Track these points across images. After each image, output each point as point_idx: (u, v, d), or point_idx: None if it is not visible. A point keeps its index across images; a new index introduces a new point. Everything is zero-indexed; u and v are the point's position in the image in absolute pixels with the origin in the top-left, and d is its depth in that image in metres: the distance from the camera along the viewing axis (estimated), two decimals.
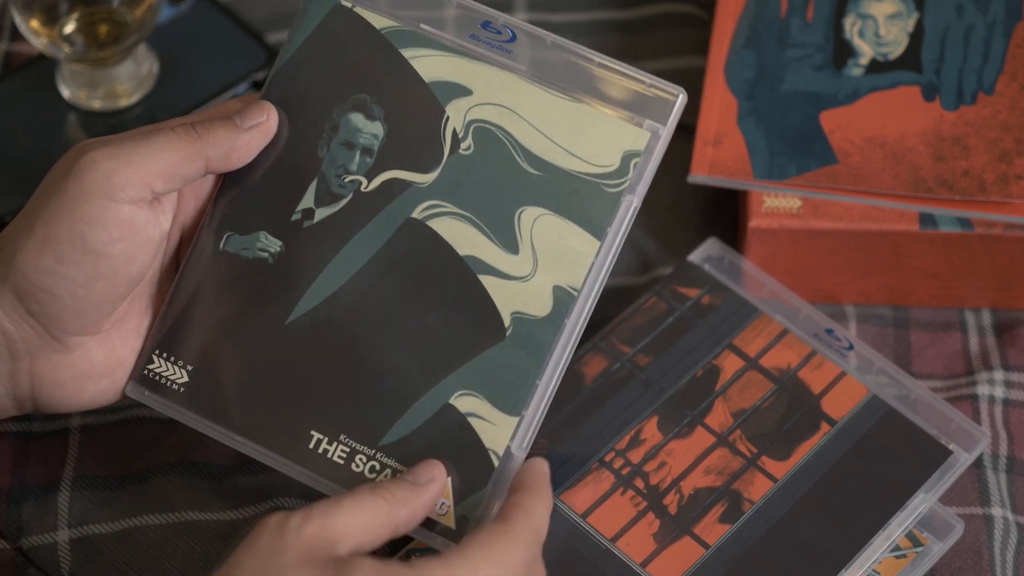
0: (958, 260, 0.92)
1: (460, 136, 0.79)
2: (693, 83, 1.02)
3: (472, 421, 0.77)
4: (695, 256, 0.92)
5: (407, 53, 0.80)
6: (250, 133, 0.80)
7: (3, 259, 0.78)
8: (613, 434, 0.86)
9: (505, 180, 0.79)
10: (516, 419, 0.77)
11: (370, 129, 0.80)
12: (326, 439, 0.79)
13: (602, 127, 0.78)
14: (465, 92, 0.80)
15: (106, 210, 0.77)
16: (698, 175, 0.93)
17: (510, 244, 0.78)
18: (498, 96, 0.80)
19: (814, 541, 0.82)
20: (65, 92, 1.01)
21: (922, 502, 0.83)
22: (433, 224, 0.79)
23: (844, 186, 0.92)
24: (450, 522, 0.77)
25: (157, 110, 1.01)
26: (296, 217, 0.80)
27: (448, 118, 0.80)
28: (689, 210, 0.98)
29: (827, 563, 0.81)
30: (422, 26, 0.81)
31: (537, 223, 0.78)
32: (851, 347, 0.88)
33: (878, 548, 0.82)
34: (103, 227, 0.77)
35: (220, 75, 1.02)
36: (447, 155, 0.79)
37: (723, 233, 0.96)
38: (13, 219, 0.80)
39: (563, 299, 0.78)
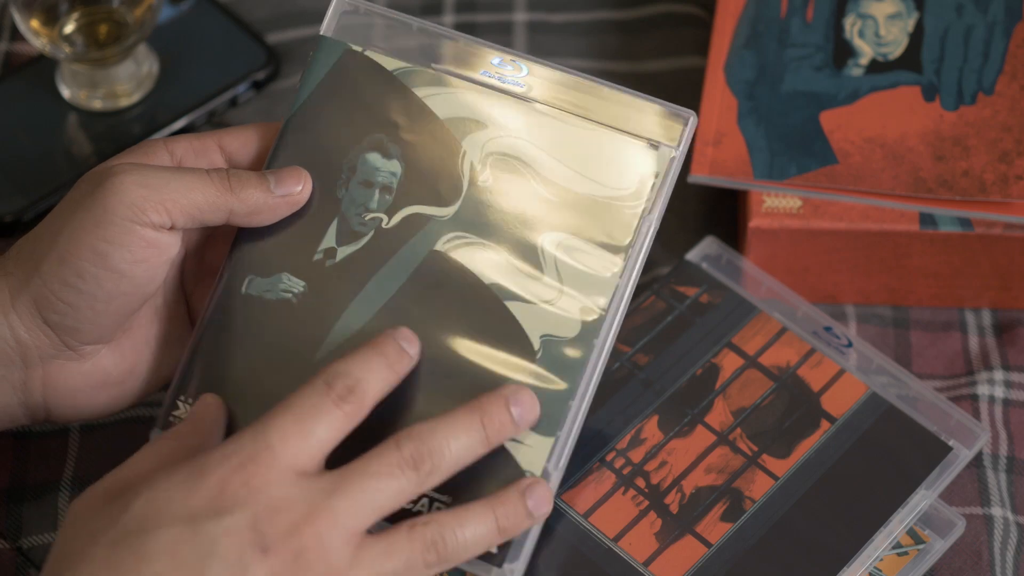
0: (958, 260, 0.92)
1: (478, 168, 0.80)
2: (693, 83, 1.02)
3: (507, 444, 0.77)
4: (693, 255, 0.92)
5: (420, 92, 0.81)
6: (279, 200, 0.80)
7: (25, 267, 0.78)
8: (614, 434, 0.86)
9: (525, 208, 0.79)
10: (552, 440, 0.77)
11: (388, 167, 0.81)
12: None
13: (618, 151, 0.80)
14: (481, 126, 0.81)
15: (130, 232, 0.77)
16: (698, 175, 0.93)
17: (534, 269, 0.79)
18: (513, 128, 0.80)
19: (816, 539, 0.82)
20: (65, 92, 1.01)
21: (923, 499, 0.83)
22: (456, 255, 0.79)
23: (844, 186, 0.92)
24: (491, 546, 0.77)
25: (157, 110, 1.01)
26: (318, 257, 0.80)
27: (465, 152, 0.80)
28: (689, 210, 0.98)
29: (829, 560, 0.81)
30: (433, 66, 0.81)
31: (560, 247, 0.79)
32: (850, 344, 0.88)
33: (880, 545, 0.82)
34: (127, 248, 0.77)
35: (220, 75, 1.02)
36: (466, 187, 0.80)
37: (723, 233, 0.96)
38: (29, 230, 0.80)
39: (590, 319, 0.78)
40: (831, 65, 0.96)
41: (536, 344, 0.78)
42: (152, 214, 0.77)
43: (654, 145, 0.79)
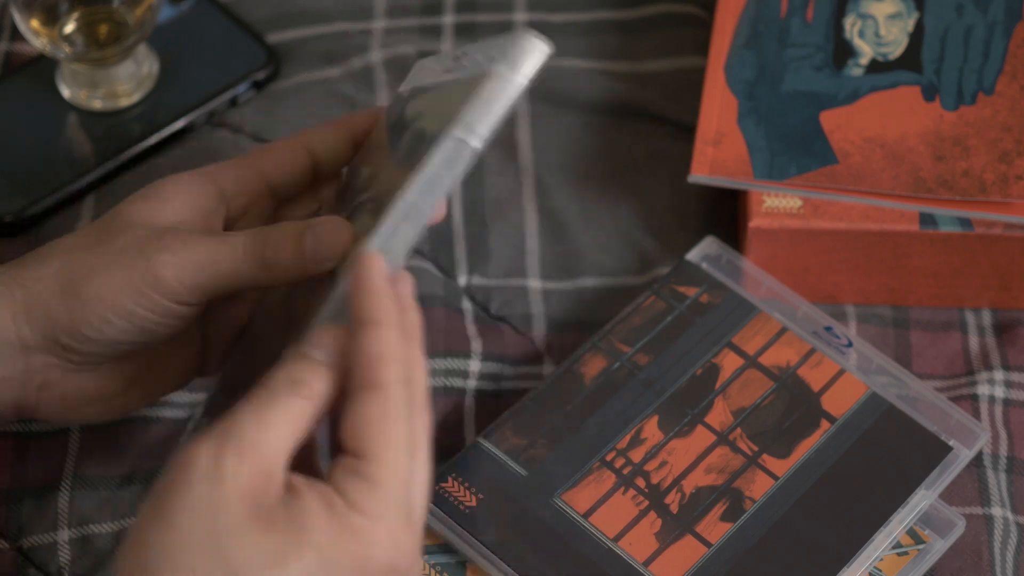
0: (958, 260, 0.92)
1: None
2: (693, 83, 1.02)
3: None
4: (693, 255, 0.92)
5: None
6: (313, 267, 0.78)
7: (48, 289, 0.78)
8: (614, 434, 0.86)
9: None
10: None
11: None
12: None
13: (463, 81, 0.76)
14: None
15: (163, 306, 0.78)
16: (698, 175, 0.93)
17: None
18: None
19: (816, 539, 0.82)
20: (65, 92, 1.01)
21: (923, 499, 0.83)
22: None
23: (844, 186, 0.92)
24: None
25: (157, 110, 1.01)
26: None
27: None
28: (689, 210, 0.98)
29: (829, 560, 0.81)
30: None
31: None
32: (850, 344, 0.88)
33: (880, 545, 0.82)
34: (157, 315, 0.78)
35: (220, 75, 1.02)
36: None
37: (723, 233, 0.95)
38: (30, 230, 0.81)
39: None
40: (831, 65, 0.96)
41: None
42: (187, 296, 0.78)
43: (484, 72, 0.74)
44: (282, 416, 0.68)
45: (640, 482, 0.84)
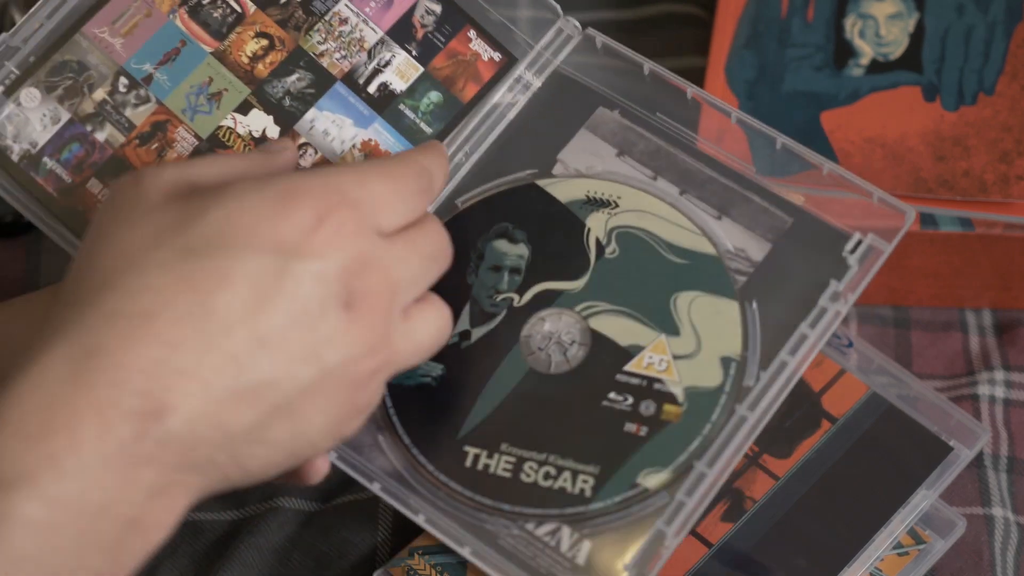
0: (958, 260, 0.92)
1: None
2: (693, 83, 1.02)
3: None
4: None
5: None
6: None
7: None
8: None
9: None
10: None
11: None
12: None
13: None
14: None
15: None
16: None
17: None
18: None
19: (816, 539, 0.81)
20: None
21: (923, 499, 0.83)
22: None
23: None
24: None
25: None
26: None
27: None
28: None
29: (830, 560, 0.81)
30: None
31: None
32: (850, 344, 0.88)
33: (880, 545, 0.82)
34: None
35: None
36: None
37: None
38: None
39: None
40: (831, 65, 0.96)
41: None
42: None
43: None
44: (213, 156, 0.72)
45: None
